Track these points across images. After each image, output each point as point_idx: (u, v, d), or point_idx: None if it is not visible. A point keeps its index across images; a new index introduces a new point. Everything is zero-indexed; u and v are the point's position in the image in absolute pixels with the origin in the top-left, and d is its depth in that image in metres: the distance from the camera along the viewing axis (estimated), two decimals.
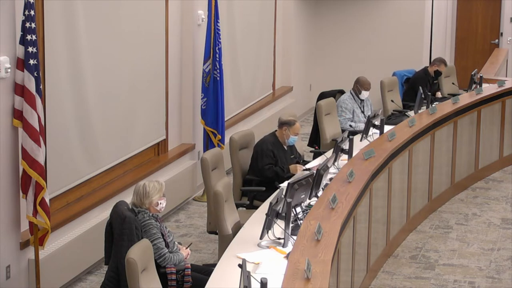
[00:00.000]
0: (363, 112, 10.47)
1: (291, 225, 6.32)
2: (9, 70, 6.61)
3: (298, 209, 6.79)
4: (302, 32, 14.43)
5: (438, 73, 12.02)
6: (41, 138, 6.70)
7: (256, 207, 7.53)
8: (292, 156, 8.51)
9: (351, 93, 10.51)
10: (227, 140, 9.05)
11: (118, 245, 6.15)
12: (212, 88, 9.90)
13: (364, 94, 10.45)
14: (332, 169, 7.88)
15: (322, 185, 7.33)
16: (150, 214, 6.38)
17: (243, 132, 8.98)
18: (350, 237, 6.93)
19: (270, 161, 8.28)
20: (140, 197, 6.42)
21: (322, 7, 14.97)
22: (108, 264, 6.37)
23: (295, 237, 6.07)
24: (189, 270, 6.32)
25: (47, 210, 6.82)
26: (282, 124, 8.47)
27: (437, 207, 9.98)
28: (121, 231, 6.15)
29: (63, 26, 7.45)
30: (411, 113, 10.43)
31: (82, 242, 7.61)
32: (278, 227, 6.31)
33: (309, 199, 7.10)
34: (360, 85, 10.44)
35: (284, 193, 6.64)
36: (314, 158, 9.15)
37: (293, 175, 8.07)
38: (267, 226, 6.22)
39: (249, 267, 5.45)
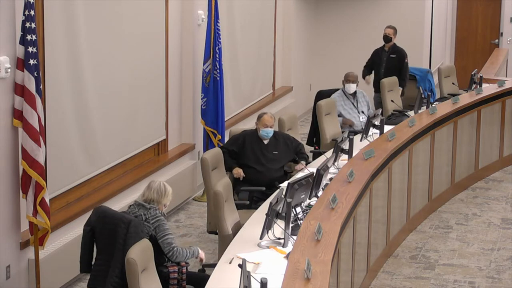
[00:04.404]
0: (356, 107, 10.41)
1: (291, 225, 6.32)
2: (9, 70, 6.61)
3: (298, 209, 6.79)
4: (302, 32, 14.44)
5: (386, 39, 12.01)
6: (41, 138, 6.70)
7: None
8: (275, 152, 8.45)
9: (342, 89, 10.51)
10: (227, 139, 9.05)
11: (123, 250, 6.09)
12: (212, 88, 9.90)
13: (350, 88, 10.37)
14: (332, 169, 7.88)
15: (322, 185, 7.33)
16: (160, 212, 6.41)
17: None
18: (350, 237, 6.93)
19: (229, 146, 8.41)
20: (160, 194, 6.41)
21: (322, 7, 14.97)
22: (84, 272, 6.33)
23: (295, 237, 6.07)
24: (186, 268, 6.36)
25: (47, 210, 6.82)
26: (256, 120, 8.51)
27: (437, 207, 9.99)
28: (125, 235, 6.09)
29: (63, 26, 7.45)
30: (411, 113, 10.43)
31: None
32: (278, 227, 6.31)
33: (309, 199, 7.10)
34: (344, 79, 10.44)
35: (284, 193, 6.64)
36: (314, 158, 9.14)
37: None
38: (267, 226, 6.22)
39: (249, 267, 5.45)
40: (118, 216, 6.24)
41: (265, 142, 8.45)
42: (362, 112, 10.38)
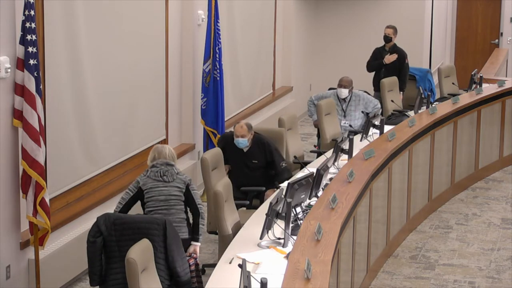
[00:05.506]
0: (344, 110, 10.34)
1: (291, 225, 6.32)
2: (9, 70, 6.61)
3: (298, 209, 6.79)
4: (302, 32, 14.44)
5: (386, 39, 11.99)
6: (41, 138, 6.70)
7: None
8: (254, 161, 8.34)
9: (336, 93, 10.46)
10: None
11: (166, 251, 6.09)
12: (212, 88, 9.90)
13: (341, 93, 10.23)
14: (332, 169, 7.88)
15: (322, 185, 7.33)
16: None
17: None
18: (350, 237, 6.93)
19: (218, 145, 8.55)
20: (172, 158, 6.87)
21: (322, 7, 14.97)
22: (96, 285, 6.24)
23: (295, 237, 6.07)
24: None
25: (47, 210, 6.82)
26: None
27: (437, 207, 9.99)
28: (165, 236, 6.10)
29: (63, 26, 7.45)
30: (411, 113, 10.43)
31: (82, 242, 7.56)
32: (278, 227, 6.31)
33: (309, 199, 7.10)
34: (338, 83, 10.36)
35: (284, 193, 6.64)
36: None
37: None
38: (267, 226, 6.22)
39: (249, 267, 5.45)
40: (145, 220, 6.23)
41: (245, 150, 8.37)
42: (368, 116, 10.32)
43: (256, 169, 8.37)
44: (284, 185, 7.34)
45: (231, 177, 8.27)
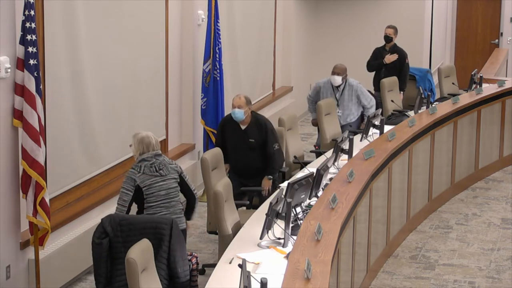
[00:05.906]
0: (336, 99, 10.30)
1: (291, 225, 6.32)
2: (9, 70, 6.61)
3: (298, 209, 6.79)
4: (302, 32, 14.44)
5: (387, 39, 11.97)
6: (41, 138, 6.70)
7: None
8: (251, 140, 8.33)
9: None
10: None
11: (170, 251, 6.11)
12: (212, 88, 9.90)
13: (334, 80, 10.17)
14: (332, 169, 7.88)
15: (322, 185, 7.33)
16: None
17: None
18: (350, 237, 6.93)
19: (217, 141, 8.63)
20: (159, 145, 6.88)
21: (322, 7, 14.97)
22: (102, 287, 6.18)
23: (295, 237, 6.07)
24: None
25: (47, 210, 6.82)
26: None
27: (437, 207, 9.99)
28: (170, 236, 6.11)
29: (63, 26, 7.45)
30: (411, 113, 10.43)
31: (82, 242, 7.60)
32: (278, 227, 6.31)
33: (309, 199, 7.10)
34: (331, 71, 10.32)
35: (284, 193, 6.64)
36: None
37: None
38: (267, 226, 6.22)
39: (249, 267, 5.45)
40: (152, 220, 6.25)
41: (243, 127, 8.38)
42: (368, 116, 10.30)
43: (254, 149, 8.36)
44: (284, 185, 7.34)
45: (229, 158, 8.29)
